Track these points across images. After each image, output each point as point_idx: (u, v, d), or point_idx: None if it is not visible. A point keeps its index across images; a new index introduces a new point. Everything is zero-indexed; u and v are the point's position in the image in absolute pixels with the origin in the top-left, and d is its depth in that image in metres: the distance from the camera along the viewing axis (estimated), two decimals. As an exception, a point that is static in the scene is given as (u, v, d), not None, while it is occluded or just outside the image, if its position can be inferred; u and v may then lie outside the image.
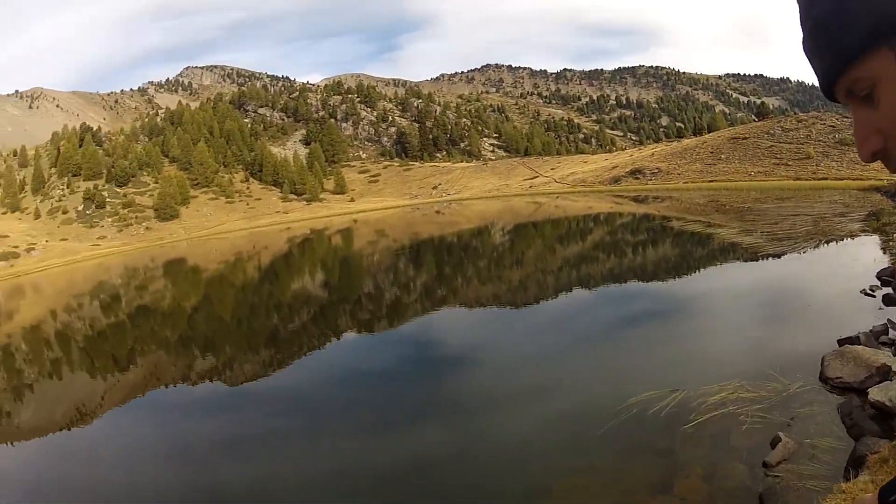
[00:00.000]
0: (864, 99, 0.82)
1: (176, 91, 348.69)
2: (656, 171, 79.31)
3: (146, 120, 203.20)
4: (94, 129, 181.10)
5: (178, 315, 22.61)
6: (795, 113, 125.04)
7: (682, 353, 9.88)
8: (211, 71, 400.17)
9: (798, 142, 73.17)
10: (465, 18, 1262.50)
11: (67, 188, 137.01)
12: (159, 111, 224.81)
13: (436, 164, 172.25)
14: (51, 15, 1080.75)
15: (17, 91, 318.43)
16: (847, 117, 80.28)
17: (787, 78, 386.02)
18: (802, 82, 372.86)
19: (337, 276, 27.68)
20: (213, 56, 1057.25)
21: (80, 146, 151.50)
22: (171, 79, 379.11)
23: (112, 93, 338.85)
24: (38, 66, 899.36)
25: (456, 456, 7.37)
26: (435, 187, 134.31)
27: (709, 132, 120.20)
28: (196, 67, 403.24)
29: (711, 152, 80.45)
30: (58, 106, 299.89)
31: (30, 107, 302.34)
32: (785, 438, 5.75)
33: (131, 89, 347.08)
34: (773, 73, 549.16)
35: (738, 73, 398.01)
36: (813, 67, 0.88)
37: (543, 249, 28.29)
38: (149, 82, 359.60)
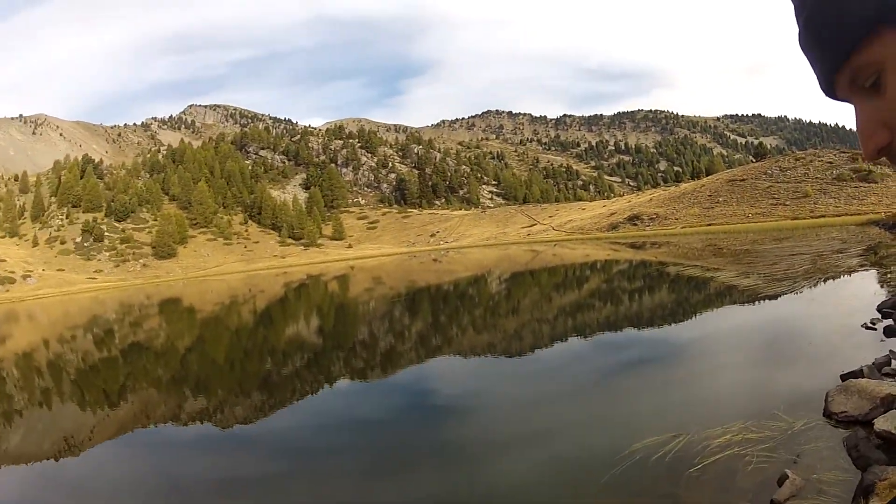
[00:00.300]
0: (870, 89, 0.60)
1: (179, 128, 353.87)
2: (654, 216, 79.70)
3: (148, 156, 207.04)
4: (96, 161, 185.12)
5: (171, 354, 22.48)
6: (793, 151, 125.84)
7: (684, 397, 9.72)
8: (214, 110, 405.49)
9: (796, 180, 73.75)
10: (468, 64, 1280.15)
11: (66, 218, 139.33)
12: (161, 148, 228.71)
13: (434, 211, 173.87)
14: (57, 40, 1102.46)
15: (21, 115, 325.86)
16: (844, 152, 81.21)
17: (785, 116, 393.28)
18: (800, 119, 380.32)
19: (332, 323, 27.53)
20: (216, 94, 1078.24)
21: (82, 177, 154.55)
22: (174, 115, 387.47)
23: (115, 126, 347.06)
24: (42, 90, 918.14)
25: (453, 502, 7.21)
26: (433, 235, 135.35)
27: (707, 175, 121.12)
28: (200, 106, 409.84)
29: (709, 195, 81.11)
30: (61, 135, 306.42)
31: (33, 132, 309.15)
32: (792, 475, 5.62)
33: (134, 124, 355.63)
34: (771, 111, 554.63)
35: (736, 114, 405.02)
36: (811, 63, 0.82)
37: (540, 298, 28.17)
38: (152, 118, 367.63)
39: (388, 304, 31.86)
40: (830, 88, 0.81)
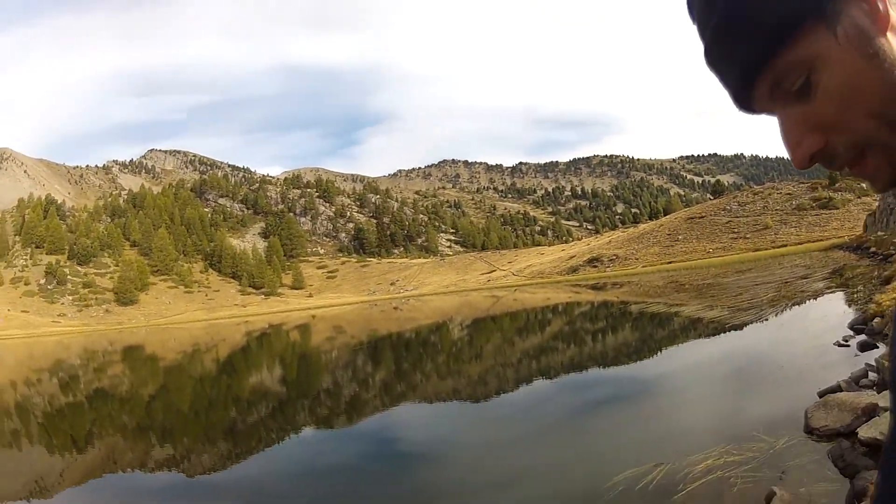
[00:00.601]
0: (796, 93, 0.53)
1: (139, 173, 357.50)
2: (614, 257, 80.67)
3: (109, 200, 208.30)
4: (59, 201, 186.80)
5: (135, 402, 22.28)
6: (751, 186, 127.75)
7: (660, 428, 9.69)
8: (174, 155, 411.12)
9: (755, 214, 75.34)
10: (424, 115, 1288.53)
11: (30, 259, 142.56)
12: (122, 192, 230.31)
13: (393, 260, 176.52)
14: (23, 73, 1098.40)
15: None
16: (803, 182, 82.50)
17: (742, 154, 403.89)
18: (757, 156, 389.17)
19: (295, 372, 27.33)
20: (177, 139, 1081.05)
21: (45, 218, 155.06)
22: (135, 160, 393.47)
23: (77, 167, 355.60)
24: (4, 122, 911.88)
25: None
26: (393, 283, 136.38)
27: (665, 215, 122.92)
28: (160, 151, 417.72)
29: (668, 234, 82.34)
30: (25, 171, 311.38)
31: None
32: (780, 491, 5.63)
33: (96, 166, 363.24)
34: (727, 150, 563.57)
35: (692, 155, 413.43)
36: (723, 76, 0.56)
37: (502, 342, 28.13)
38: (113, 161, 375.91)
39: (351, 352, 31.68)
40: (748, 101, 0.76)
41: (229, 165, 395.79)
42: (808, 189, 77.65)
